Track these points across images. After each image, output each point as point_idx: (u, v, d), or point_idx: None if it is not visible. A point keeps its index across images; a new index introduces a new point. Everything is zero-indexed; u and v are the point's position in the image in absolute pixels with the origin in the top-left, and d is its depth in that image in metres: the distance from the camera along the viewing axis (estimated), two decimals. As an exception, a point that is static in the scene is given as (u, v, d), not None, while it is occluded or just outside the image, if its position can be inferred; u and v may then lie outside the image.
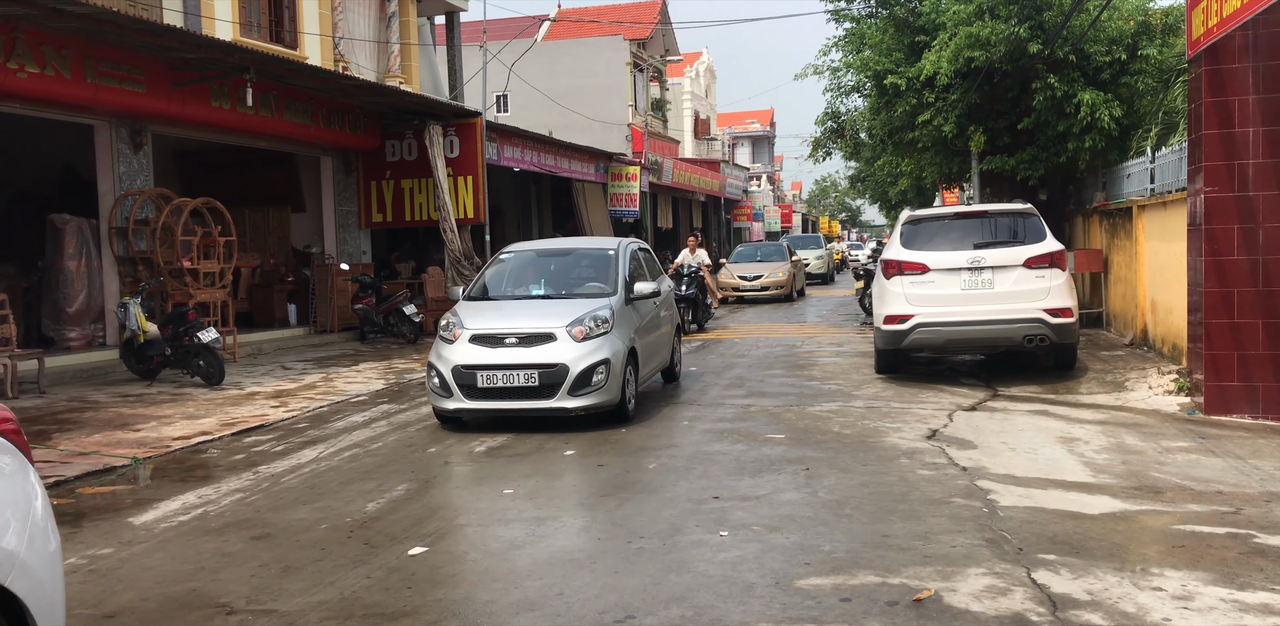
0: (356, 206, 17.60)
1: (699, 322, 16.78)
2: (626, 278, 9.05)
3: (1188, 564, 4.58)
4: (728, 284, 23.77)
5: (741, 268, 24.51)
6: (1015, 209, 10.61)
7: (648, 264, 10.21)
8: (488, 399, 7.98)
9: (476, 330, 8.17)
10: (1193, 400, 8.47)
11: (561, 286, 9.23)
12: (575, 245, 10.41)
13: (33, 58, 10.46)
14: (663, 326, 9.91)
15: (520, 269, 9.67)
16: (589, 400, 7.94)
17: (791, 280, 24.20)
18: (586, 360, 7.92)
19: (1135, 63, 14.22)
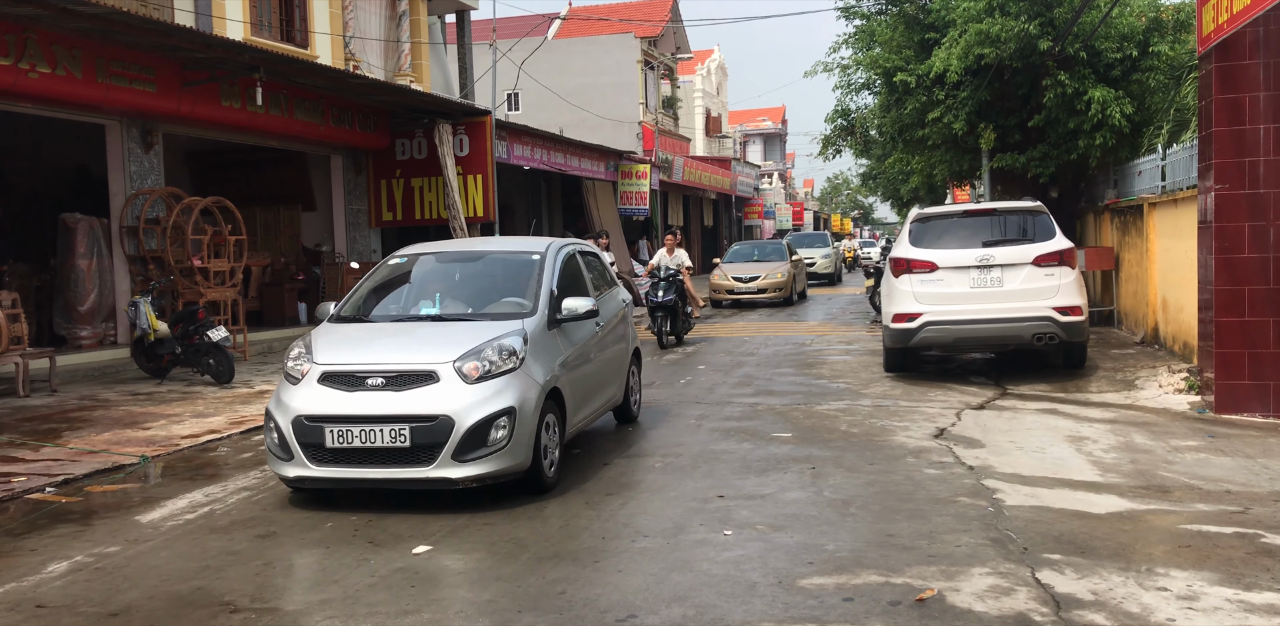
0: (367, 205, 17.64)
1: (678, 334, 14.72)
2: (553, 292, 6.85)
3: (1194, 564, 4.56)
4: (721, 286, 22.19)
5: (736, 268, 22.71)
6: (1024, 207, 10.56)
7: (592, 272, 8.04)
8: (339, 464, 5.74)
9: (331, 365, 5.99)
10: (1203, 399, 8.42)
11: (464, 303, 6.97)
12: (490, 247, 8.13)
13: (44, 58, 10.51)
14: (609, 354, 7.68)
15: (413, 278, 7.43)
16: (483, 467, 5.69)
17: (791, 281, 22.45)
18: (481, 409, 5.70)
19: (1146, 59, 14.14)
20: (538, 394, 6.02)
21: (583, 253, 8.07)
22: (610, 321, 7.82)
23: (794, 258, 23.60)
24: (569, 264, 7.52)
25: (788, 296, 22.24)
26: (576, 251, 7.90)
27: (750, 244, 25.99)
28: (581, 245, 8.22)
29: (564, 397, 6.46)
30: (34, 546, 5.35)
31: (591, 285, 7.79)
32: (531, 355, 6.16)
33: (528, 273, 7.06)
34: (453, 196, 16.83)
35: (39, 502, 6.26)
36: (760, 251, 24.11)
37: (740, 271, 22.39)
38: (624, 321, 8.35)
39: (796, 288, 23.18)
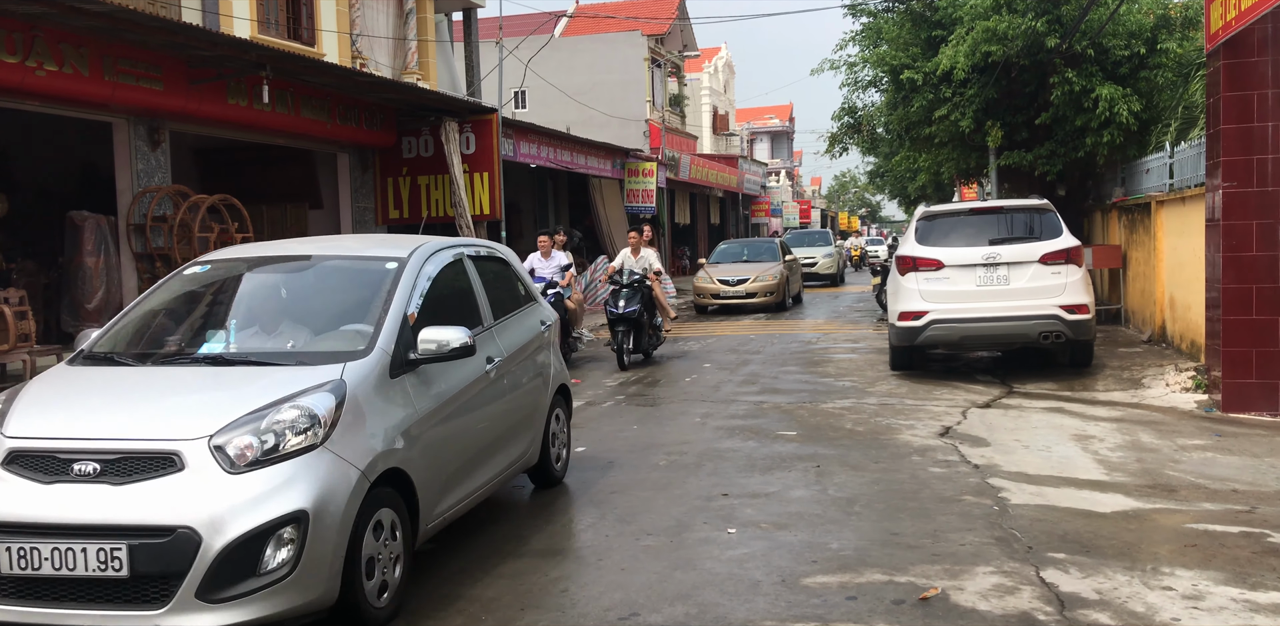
0: (373, 203, 17.66)
1: (645, 351, 12.53)
2: (406, 319, 4.69)
3: (1199, 563, 4.54)
4: (706, 289, 20.06)
5: (723, 269, 20.51)
6: (1031, 204, 10.53)
7: (494, 288, 5.90)
8: (22, 599, 3.71)
9: (23, 440, 3.95)
10: (1210, 397, 8.39)
11: (269, 336, 4.81)
12: (330, 251, 5.58)
13: (51, 56, 10.54)
14: (510, 401, 5.58)
15: (213, 296, 5.30)
16: (250, 610, 3.65)
17: (784, 284, 20.31)
18: (248, 516, 3.68)
19: (1154, 57, 14.07)
20: (353, 485, 3.88)
21: (479, 258, 5.88)
22: (516, 355, 5.73)
23: (788, 258, 21.72)
24: (449, 276, 5.38)
25: (780, 301, 20.15)
26: (467, 256, 5.69)
27: (739, 243, 24.05)
28: (480, 247, 6.09)
29: (413, 481, 4.33)
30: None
31: (487, 306, 5.64)
32: (351, 422, 4.04)
33: (374, 290, 4.84)
34: (459, 194, 16.85)
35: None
36: (750, 251, 22.09)
37: (727, 273, 20.27)
38: (542, 351, 6.29)
39: (790, 291, 21.19)
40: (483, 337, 5.30)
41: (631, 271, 12.48)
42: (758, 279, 19.79)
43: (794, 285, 21.78)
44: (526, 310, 6.31)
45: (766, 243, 23.18)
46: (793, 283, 21.53)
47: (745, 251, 22.05)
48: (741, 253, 21.95)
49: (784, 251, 21.89)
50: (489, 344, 5.40)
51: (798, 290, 22.54)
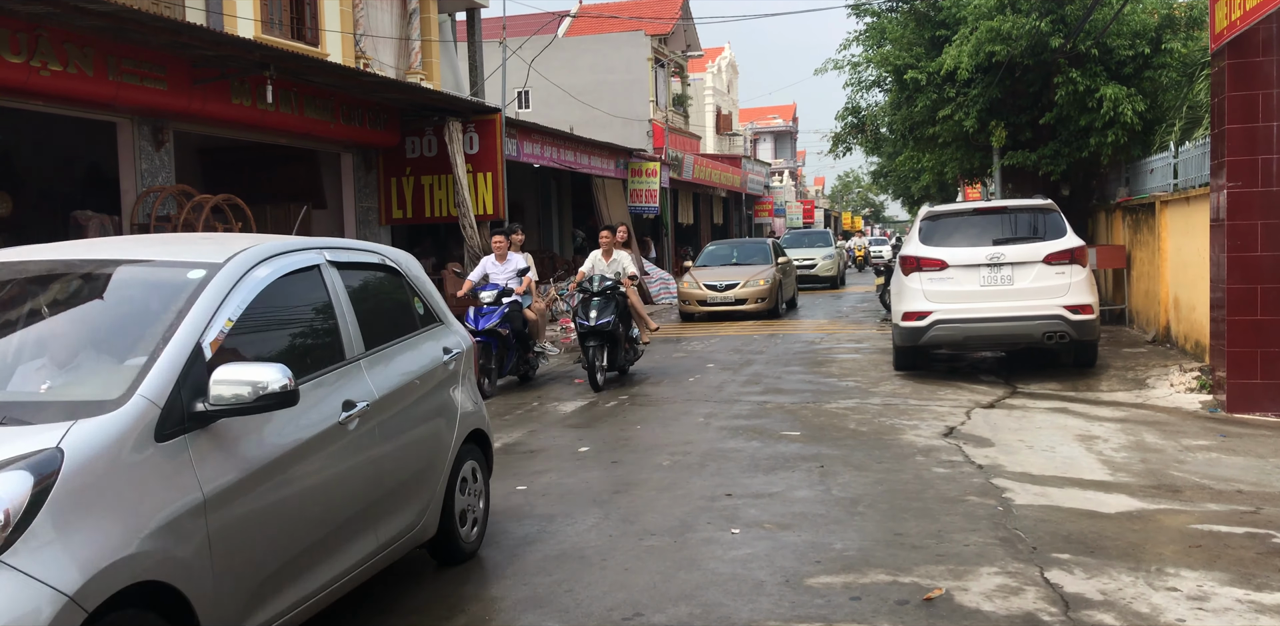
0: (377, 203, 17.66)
1: (620, 367, 11.06)
2: (193, 353, 3.25)
3: (1204, 564, 4.53)
4: (692, 295, 18.64)
5: (710, 273, 19.16)
6: (1035, 204, 10.51)
7: (358, 304, 4.31)
8: None
9: None
10: (1215, 398, 8.37)
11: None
12: (115, 255, 3.99)
13: (55, 56, 10.55)
14: (381, 458, 4.12)
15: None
16: None
17: (776, 290, 18.79)
18: None
19: (1159, 56, 14.06)
20: (48, 620, 2.49)
21: (350, 265, 4.45)
22: (397, 396, 4.33)
23: (780, 260, 20.16)
24: (295, 291, 3.98)
25: (772, 307, 18.63)
26: (328, 262, 4.23)
27: (727, 243, 22.56)
28: (355, 250, 4.80)
29: (187, 598, 2.96)
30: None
31: (355, 330, 4.19)
32: (65, 517, 2.67)
33: (162, 309, 3.45)
34: (463, 194, 16.84)
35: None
36: (740, 253, 20.72)
37: (715, 277, 18.82)
38: (443, 389, 4.88)
39: (784, 296, 19.69)
40: (340, 374, 3.97)
41: (603, 277, 10.95)
42: (747, 284, 18.42)
43: (788, 290, 20.31)
44: (424, 334, 4.91)
45: (757, 244, 21.59)
46: (786, 287, 20.03)
47: (735, 253, 20.74)
48: (730, 255, 20.67)
49: (777, 253, 20.51)
50: (351, 383, 4.01)
51: (792, 294, 21.08)
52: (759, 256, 20.02)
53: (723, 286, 18.43)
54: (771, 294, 18.55)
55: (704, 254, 21.48)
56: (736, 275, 18.79)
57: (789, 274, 20.89)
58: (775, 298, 18.72)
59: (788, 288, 20.29)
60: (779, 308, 19.03)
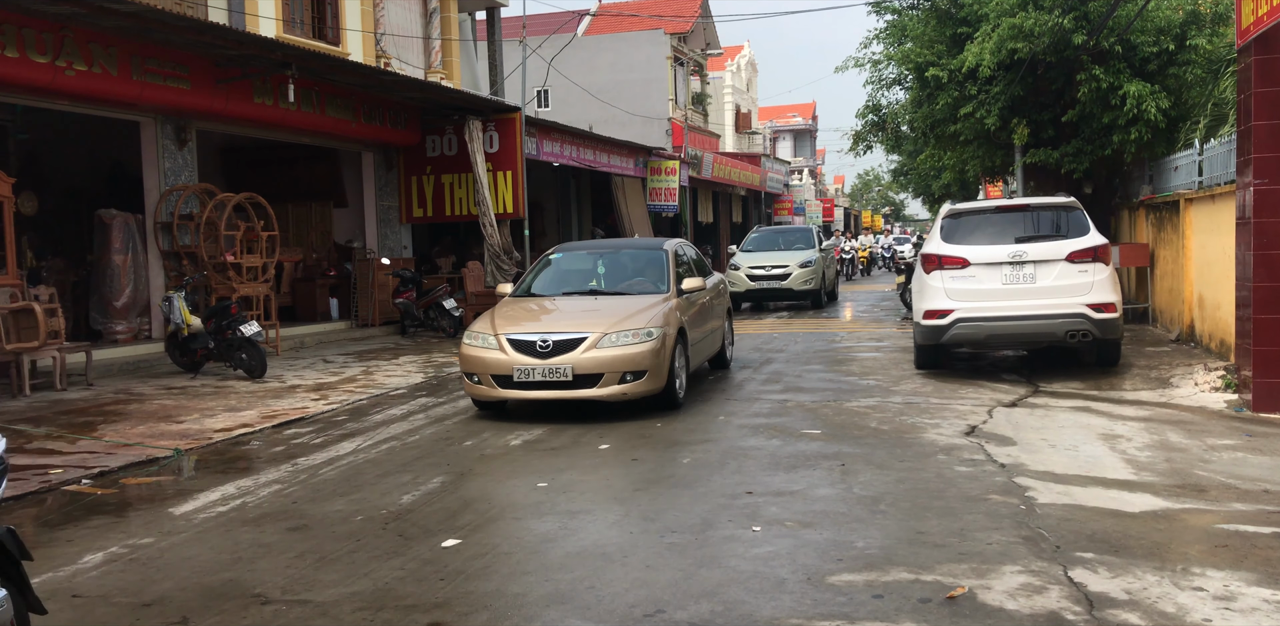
0: (397, 201, 17.74)
1: None
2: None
3: (1231, 564, 4.49)
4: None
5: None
6: (1058, 202, 10.44)
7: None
8: None
9: None
10: (1240, 397, 8.30)
11: None
12: None
13: (80, 56, 10.64)
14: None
15: None
16: None
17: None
18: None
19: (1184, 53, 13.93)
20: None
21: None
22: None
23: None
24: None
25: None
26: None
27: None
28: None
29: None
30: (70, 537, 5.43)
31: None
32: None
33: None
34: (483, 193, 16.89)
35: (75, 494, 6.35)
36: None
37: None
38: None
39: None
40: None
41: None
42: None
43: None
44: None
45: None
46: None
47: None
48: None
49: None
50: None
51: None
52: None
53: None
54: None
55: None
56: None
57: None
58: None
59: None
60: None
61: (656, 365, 8.37)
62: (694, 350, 9.42)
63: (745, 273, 19.86)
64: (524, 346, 8.26)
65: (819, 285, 20.13)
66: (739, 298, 19.59)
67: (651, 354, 8.32)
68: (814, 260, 20.22)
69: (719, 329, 10.74)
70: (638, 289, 9.53)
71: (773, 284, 19.68)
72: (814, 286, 19.99)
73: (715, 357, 10.86)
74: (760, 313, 20.09)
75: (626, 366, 8.21)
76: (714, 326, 10.44)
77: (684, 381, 8.96)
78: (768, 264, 19.98)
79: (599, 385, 8.17)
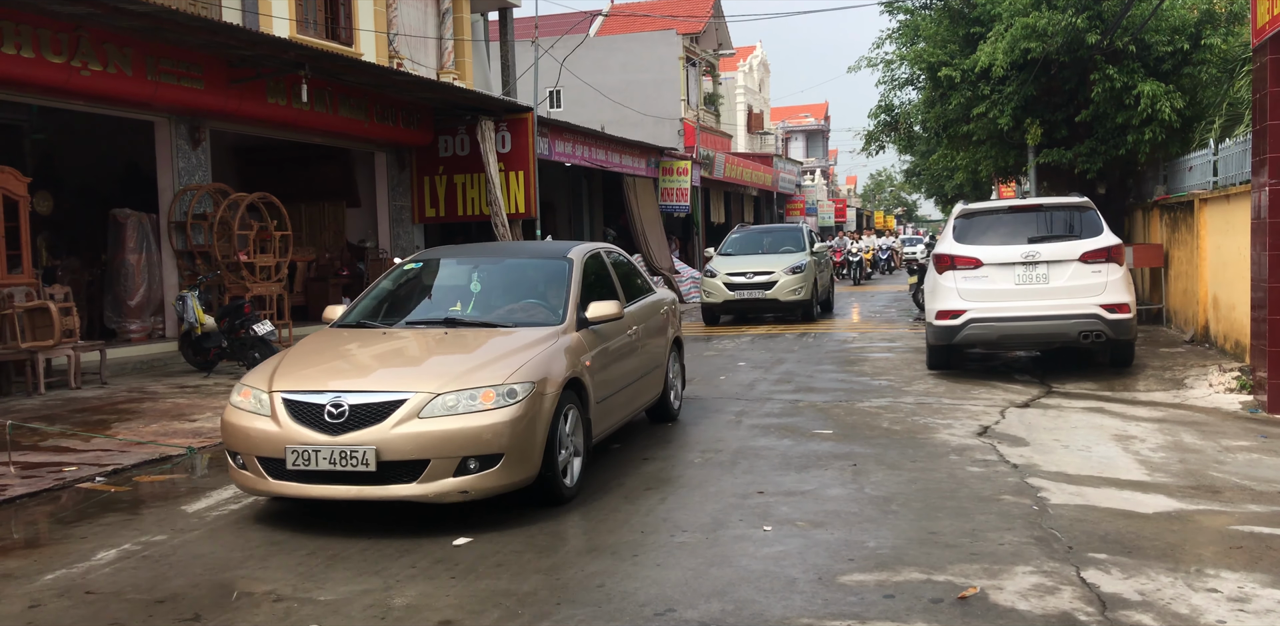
0: (410, 201, 17.77)
1: None
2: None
3: (1245, 565, 4.46)
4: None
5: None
6: (1071, 202, 10.41)
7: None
8: None
9: None
10: (1255, 398, 8.25)
11: None
12: None
13: (95, 56, 10.70)
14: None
15: None
16: None
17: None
18: None
19: (1198, 52, 13.87)
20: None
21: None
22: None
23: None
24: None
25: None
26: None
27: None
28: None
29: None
30: (84, 534, 5.46)
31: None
32: None
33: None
34: (495, 193, 16.92)
35: (90, 491, 6.38)
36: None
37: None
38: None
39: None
40: None
41: None
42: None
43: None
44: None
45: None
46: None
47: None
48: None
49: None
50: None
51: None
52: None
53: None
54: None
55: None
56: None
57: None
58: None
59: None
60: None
61: (520, 443, 5.36)
62: (605, 408, 6.52)
63: (723, 280, 17.07)
64: (306, 412, 5.35)
65: (809, 295, 17.13)
66: (715, 310, 17.30)
67: (510, 426, 5.31)
68: (804, 264, 17.19)
69: (655, 369, 7.77)
70: (520, 318, 6.55)
71: (755, 294, 16.81)
72: (803, 296, 16.99)
73: (653, 407, 7.99)
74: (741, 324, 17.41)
75: (467, 448, 5.22)
76: (644, 367, 7.47)
77: (578, 466, 5.98)
78: (749, 270, 17.02)
79: (421, 478, 5.20)
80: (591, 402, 6.21)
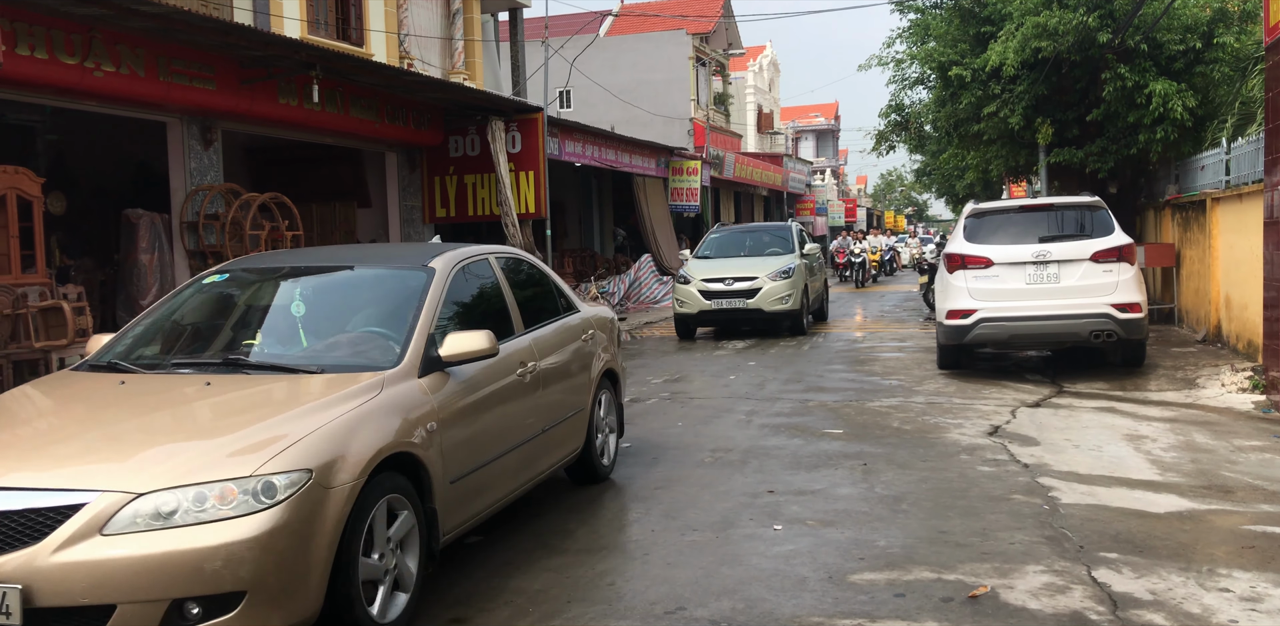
0: (421, 201, 17.81)
1: None
2: None
3: (1257, 565, 4.45)
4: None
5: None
6: (1082, 202, 10.38)
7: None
8: None
9: None
10: (1268, 398, 8.21)
11: None
12: None
13: (108, 57, 10.75)
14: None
15: None
16: None
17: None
18: None
19: (1211, 51, 13.81)
20: None
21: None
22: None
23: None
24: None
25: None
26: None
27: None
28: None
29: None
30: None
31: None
32: None
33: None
34: (505, 193, 16.95)
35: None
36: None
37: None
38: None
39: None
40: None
41: None
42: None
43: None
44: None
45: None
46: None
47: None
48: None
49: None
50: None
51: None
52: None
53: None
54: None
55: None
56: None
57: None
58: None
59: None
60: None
61: (279, 572, 3.40)
62: (470, 487, 4.54)
63: (698, 287, 14.66)
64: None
65: (798, 303, 14.65)
66: (690, 322, 14.97)
67: (258, 546, 3.34)
68: (792, 268, 14.79)
69: (573, 415, 5.84)
70: (336, 358, 4.56)
71: (735, 303, 14.42)
72: (791, 306, 14.52)
73: (573, 465, 6.10)
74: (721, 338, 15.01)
75: (182, 584, 3.27)
76: (550, 416, 5.50)
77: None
78: (728, 275, 14.62)
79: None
80: (437, 486, 4.21)
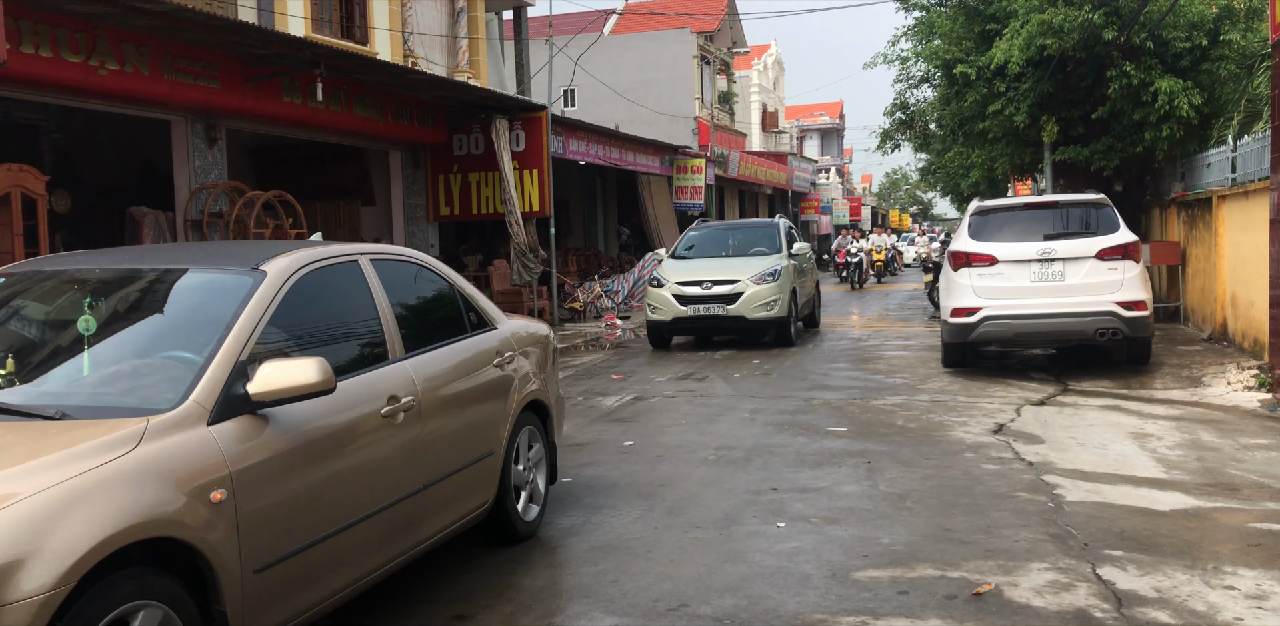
0: (425, 200, 17.82)
1: None
2: None
3: (1263, 563, 4.43)
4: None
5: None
6: (1087, 199, 10.36)
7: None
8: None
9: None
10: (1274, 396, 8.19)
11: None
12: None
13: (113, 55, 10.76)
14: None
15: None
16: None
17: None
18: None
19: (1217, 48, 13.78)
20: None
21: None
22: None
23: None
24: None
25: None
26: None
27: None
28: None
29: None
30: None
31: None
32: None
33: None
34: (509, 191, 16.94)
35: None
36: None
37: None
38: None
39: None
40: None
41: None
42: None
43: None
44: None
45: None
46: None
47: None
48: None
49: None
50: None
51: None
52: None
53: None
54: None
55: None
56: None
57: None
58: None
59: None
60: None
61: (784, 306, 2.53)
62: (296, 571, 3.35)
63: (672, 291, 13.09)
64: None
65: (786, 310, 12.95)
66: (663, 330, 13.43)
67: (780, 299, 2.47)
68: (778, 270, 13.08)
69: (479, 461, 4.61)
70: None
71: (713, 309, 12.81)
72: (777, 313, 12.82)
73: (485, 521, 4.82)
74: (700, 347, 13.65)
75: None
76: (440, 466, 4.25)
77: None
78: (707, 278, 13.04)
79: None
80: (226, 579, 3.02)
